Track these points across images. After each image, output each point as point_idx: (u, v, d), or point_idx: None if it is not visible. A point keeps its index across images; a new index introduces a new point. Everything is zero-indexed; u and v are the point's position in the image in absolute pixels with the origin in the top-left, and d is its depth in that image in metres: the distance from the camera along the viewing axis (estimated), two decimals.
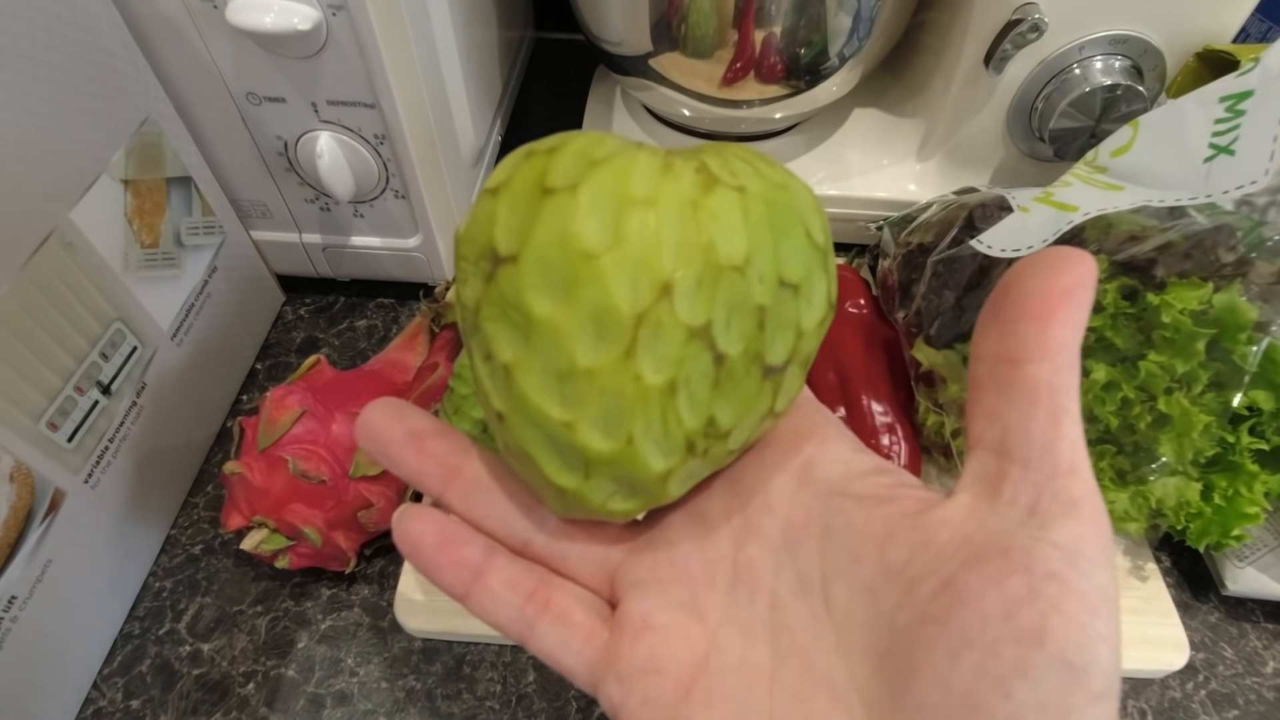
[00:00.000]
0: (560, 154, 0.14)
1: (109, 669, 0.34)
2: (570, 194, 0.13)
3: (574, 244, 0.13)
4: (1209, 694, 0.34)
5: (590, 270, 0.13)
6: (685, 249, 0.13)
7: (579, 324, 0.14)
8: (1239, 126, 0.27)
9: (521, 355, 0.14)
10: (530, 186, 0.14)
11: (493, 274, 0.14)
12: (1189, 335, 0.28)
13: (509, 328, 0.14)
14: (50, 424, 0.30)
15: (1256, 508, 0.31)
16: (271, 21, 0.31)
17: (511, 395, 0.15)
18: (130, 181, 0.33)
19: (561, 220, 0.13)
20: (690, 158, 0.15)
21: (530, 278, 0.14)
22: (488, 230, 0.15)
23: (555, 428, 0.15)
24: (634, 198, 0.13)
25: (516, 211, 0.14)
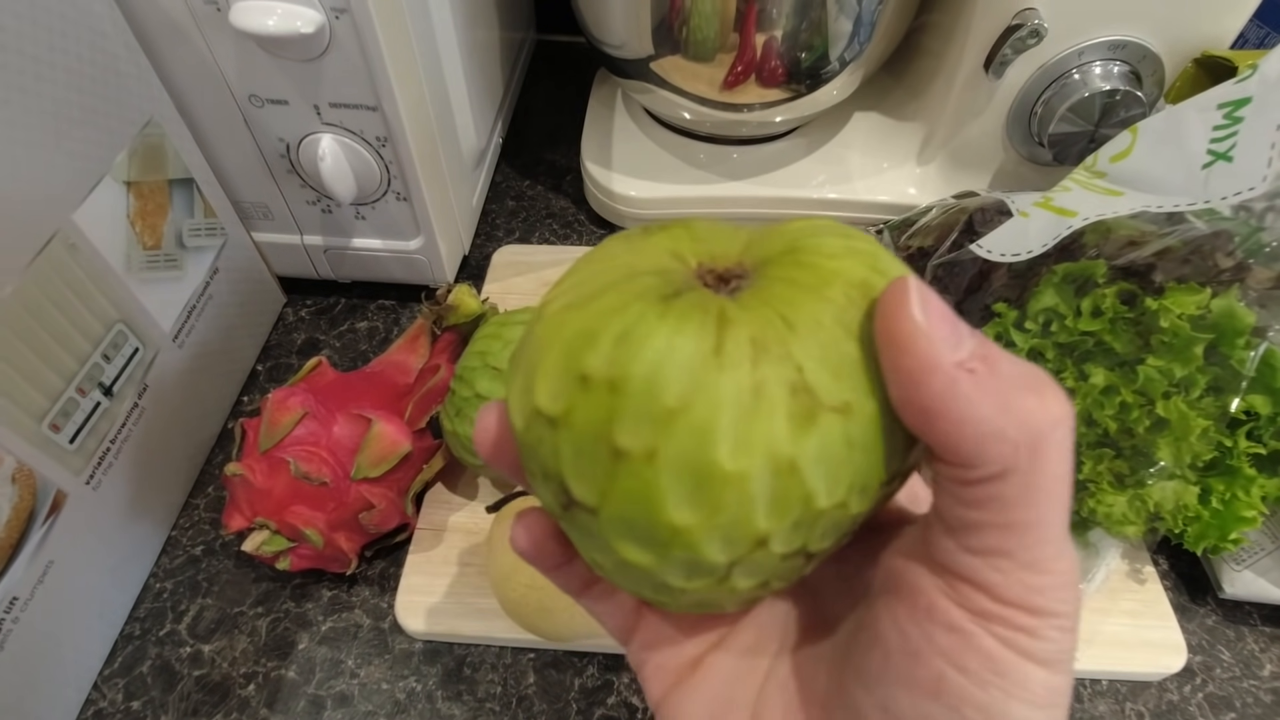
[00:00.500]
0: (624, 395, 0.12)
1: (110, 670, 0.34)
2: (648, 465, 0.12)
3: (661, 517, 0.12)
4: (1206, 697, 0.34)
5: (681, 539, 0.12)
6: (781, 505, 0.12)
7: (670, 568, 0.13)
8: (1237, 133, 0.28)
9: (612, 568, 0.14)
10: (596, 436, 0.12)
11: (569, 508, 0.13)
12: (1187, 340, 0.29)
13: (596, 546, 0.14)
14: (52, 425, 0.30)
15: (1254, 511, 0.31)
16: (274, 24, 0.31)
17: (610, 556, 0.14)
18: (133, 183, 0.33)
19: (643, 492, 0.12)
20: (781, 359, 0.12)
21: (615, 532, 0.13)
22: (553, 463, 0.13)
23: (652, 599, 0.15)
24: (723, 472, 0.12)
25: (585, 460, 0.12)
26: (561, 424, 0.12)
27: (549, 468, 0.13)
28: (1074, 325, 0.31)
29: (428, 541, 0.37)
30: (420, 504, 0.38)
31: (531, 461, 0.14)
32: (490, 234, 0.52)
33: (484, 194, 0.53)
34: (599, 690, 0.34)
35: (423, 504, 0.38)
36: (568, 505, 0.13)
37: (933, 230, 0.38)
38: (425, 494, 0.38)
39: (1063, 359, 0.32)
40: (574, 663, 0.35)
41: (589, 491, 0.13)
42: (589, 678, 0.34)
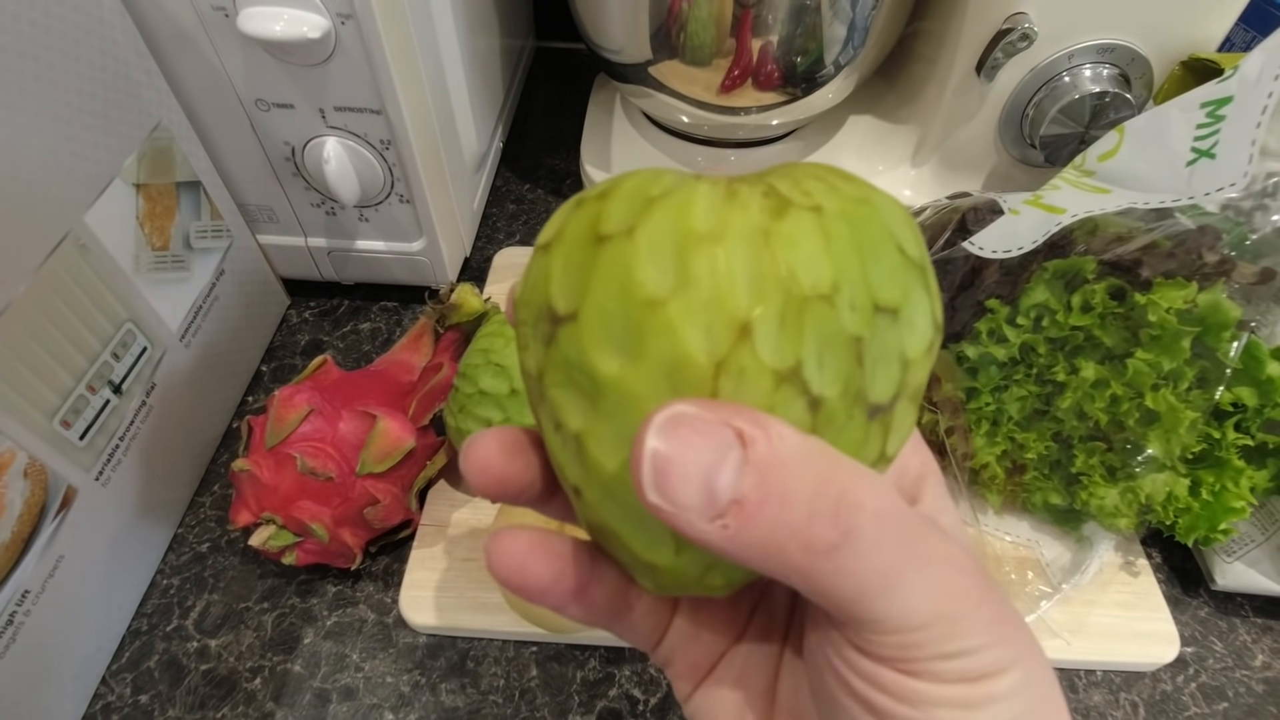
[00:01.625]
0: (613, 197, 0.13)
1: (117, 664, 0.34)
2: (627, 238, 0.12)
3: (636, 292, 0.12)
4: (1199, 686, 0.35)
5: (657, 319, 0.12)
6: (762, 283, 0.12)
7: (651, 381, 0.12)
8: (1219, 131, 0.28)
9: (592, 422, 0.13)
10: (584, 236, 0.13)
11: (553, 335, 0.13)
12: (1175, 333, 0.29)
13: (576, 393, 0.13)
14: (63, 422, 0.30)
15: (1243, 502, 0.32)
16: (281, 29, 0.32)
17: (586, 467, 0.13)
18: (142, 186, 0.34)
19: (620, 268, 0.12)
20: (756, 182, 0.13)
21: (592, 335, 0.12)
22: (544, 289, 0.13)
23: (636, 499, 0.12)
24: (697, 232, 0.12)
25: (571, 265, 0.13)
26: (555, 242, 0.13)
27: (539, 301, 0.13)
28: (1064, 320, 0.32)
29: (431, 537, 0.37)
30: (424, 500, 0.38)
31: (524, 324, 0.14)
32: (491, 236, 0.53)
33: (485, 197, 0.53)
34: (601, 682, 0.34)
35: (426, 500, 0.38)
36: (551, 335, 0.13)
37: (927, 230, 0.39)
38: (429, 490, 0.39)
39: (1054, 353, 0.33)
40: (576, 656, 0.35)
41: (572, 294, 0.13)
42: (591, 670, 0.35)
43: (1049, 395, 0.34)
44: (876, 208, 0.13)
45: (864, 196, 0.13)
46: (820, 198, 0.13)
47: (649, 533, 0.14)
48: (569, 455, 0.14)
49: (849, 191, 0.13)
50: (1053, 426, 0.34)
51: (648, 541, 0.14)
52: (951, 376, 0.35)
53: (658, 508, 0.11)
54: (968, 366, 0.35)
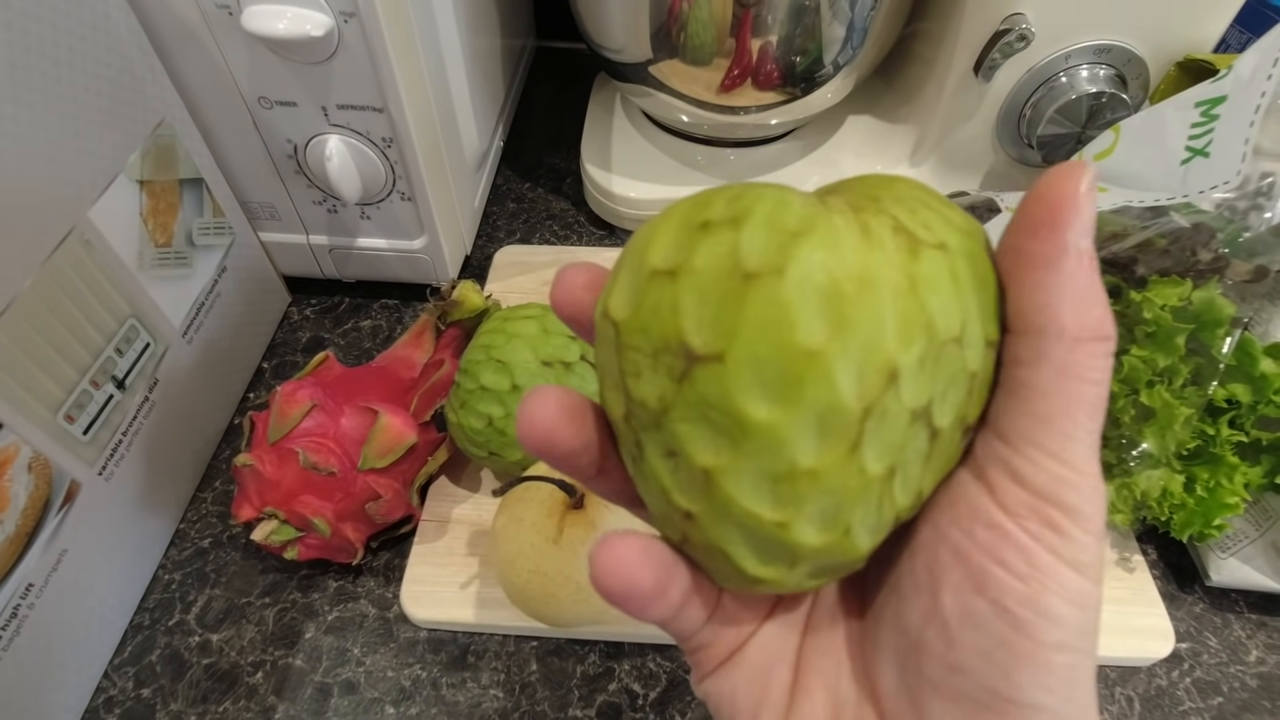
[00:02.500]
0: (748, 227, 0.12)
1: (120, 658, 0.35)
2: (777, 279, 0.12)
3: (792, 339, 0.12)
4: (1194, 681, 0.35)
5: (815, 368, 0.12)
6: (909, 328, 0.12)
7: (801, 426, 0.12)
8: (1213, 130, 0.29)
9: (728, 460, 0.13)
10: (724, 270, 0.12)
11: (687, 373, 0.13)
12: (1169, 330, 0.30)
13: (711, 430, 0.13)
14: (67, 416, 0.30)
15: (1237, 498, 0.32)
16: (285, 27, 0.32)
17: (711, 498, 0.14)
18: (146, 182, 0.34)
19: (774, 312, 0.12)
20: (879, 212, 0.13)
21: (740, 379, 0.12)
22: (673, 322, 0.13)
23: (765, 528, 0.13)
24: (850, 276, 0.12)
25: (710, 301, 0.12)
26: (682, 271, 0.13)
27: (665, 333, 0.13)
28: None
29: (432, 533, 0.37)
30: (425, 496, 0.38)
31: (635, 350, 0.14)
32: (492, 235, 0.53)
33: (486, 195, 0.54)
34: (600, 677, 0.35)
35: (427, 496, 0.39)
36: (685, 372, 0.13)
37: None
38: (430, 486, 0.39)
39: None
40: (576, 650, 0.35)
41: (716, 334, 0.12)
42: (590, 665, 0.35)
43: None
44: (980, 241, 0.14)
45: (970, 229, 0.14)
46: (940, 233, 0.13)
47: (762, 554, 0.14)
48: (684, 483, 0.14)
49: (957, 222, 0.14)
50: None
51: (759, 562, 0.14)
52: None
53: (1078, 195, 0.13)
54: None
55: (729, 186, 0.14)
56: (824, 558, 0.14)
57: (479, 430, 0.34)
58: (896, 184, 0.14)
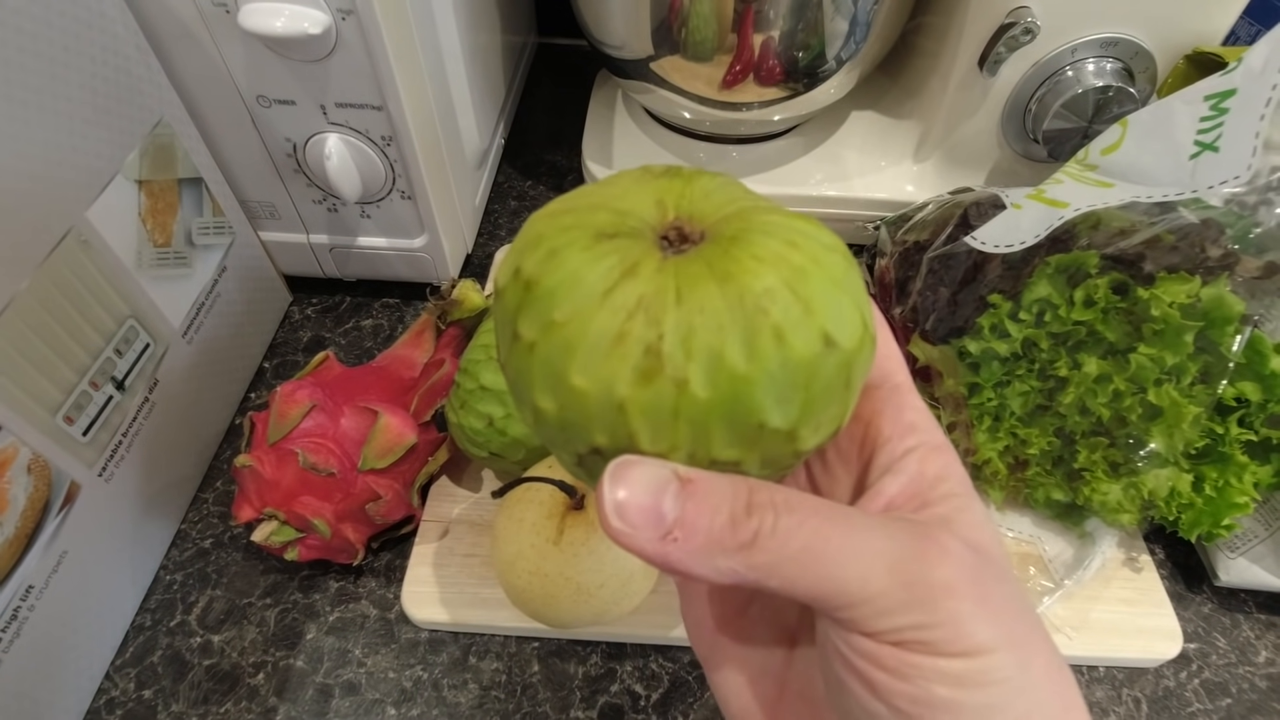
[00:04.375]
0: (531, 296, 0.14)
1: (121, 660, 0.35)
2: (530, 353, 0.14)
3: (530, 395, 0.15)
4: (1202, 683, 0.35)
5: (544, 418, 0.15)
6: (612, 433, 0.14)
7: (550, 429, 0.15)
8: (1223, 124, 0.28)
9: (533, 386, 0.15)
10: (509, 315, 0.15)
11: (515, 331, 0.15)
12: (1178, 328, 0.29)
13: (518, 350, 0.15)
14: (66, 418, 0.30)
15: (1246, 498, 0.32)
16: (282, 25, 0.32)
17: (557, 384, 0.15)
18: (144, 182, 0.34)
19: (524, 371, 0.15)
20: (651, 324, 0.13)
21: (515, 384, 0.15)
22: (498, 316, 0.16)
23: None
24: (570, 385, 0.14)
25: (502, 326, 0.16)
26: (499, 295, 0.16)
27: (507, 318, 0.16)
28: (1067, 315, 0.32)
29: (433, 533, 0.37)
30: (425, 496, 0.38)
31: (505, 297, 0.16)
32: (493, 233, 0.53)
33: (486, 194, 0.53)
34: (602, 678, 0.34)
35: (428, 496, 0.38)
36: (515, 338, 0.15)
37: (929, 225, 0.39)
38: (430, 486, 0.39)
39: (1056, 348, 0.33)
40: (577, 651, 0.35)
41: (503, 350, 0.15)
42: (592, 666, 0.35)
43: (1051, 390, 0.33)
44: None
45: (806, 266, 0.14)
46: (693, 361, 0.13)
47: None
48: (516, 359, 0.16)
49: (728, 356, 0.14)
50: (1055, 422, 0.34)
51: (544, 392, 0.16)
52: (954, 372, 0.34)
53: (619, 532, 0.14)
54: (970, 362, 0.34)
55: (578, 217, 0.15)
56: None
57: (479, 430, 0.34)
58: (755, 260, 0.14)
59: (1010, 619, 0.14)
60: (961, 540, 0.15)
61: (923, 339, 0.36)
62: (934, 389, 0.36)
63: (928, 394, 0.36)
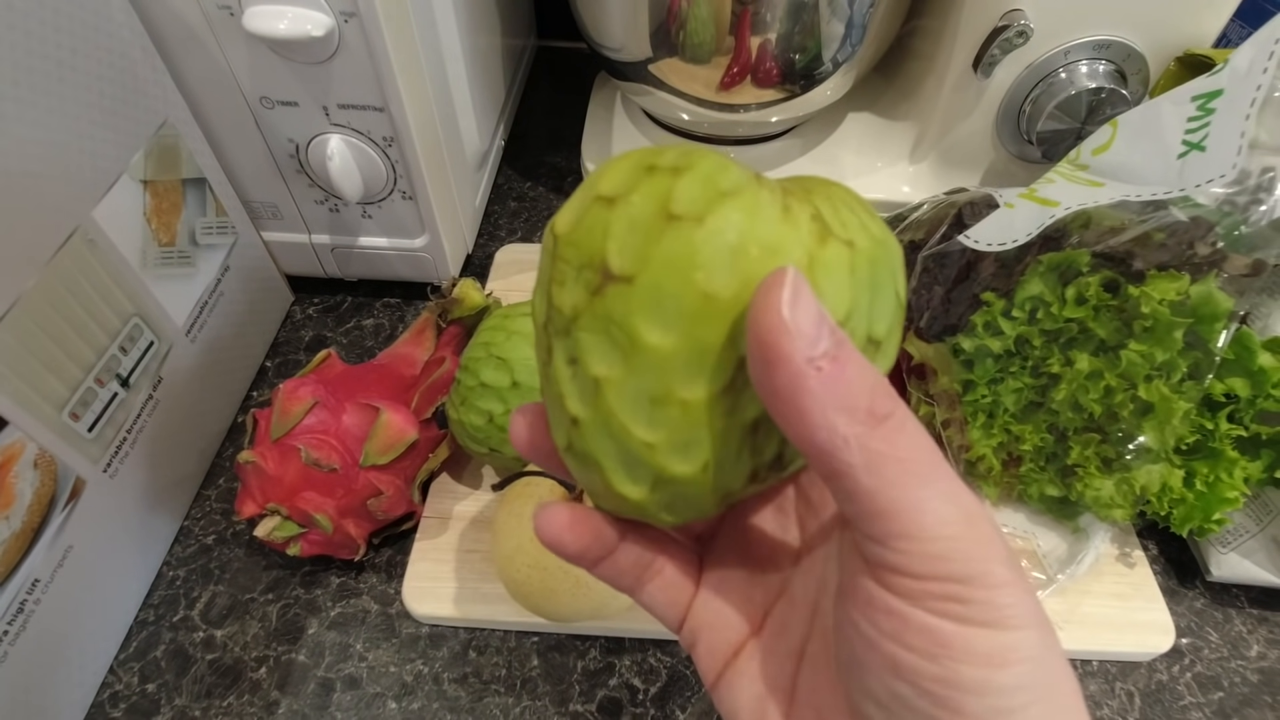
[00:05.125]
0: (686, 177, 0.14)
1: (125, 654, 0.35)
2: (696, 225, 0.13)
3: (697, 280, 0.13)
4: (1194, 676, 0.35)
5: (709, 309, 0.13)
6: None
7: (685, 357, 0.14)
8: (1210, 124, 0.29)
9: (618, 373, 0.14)
10: (654, 207, 0.14)
11: (600, 288, 0.14)
12: (1167, 324, 0.30)
13: (608, 344, 0.14)
14: (72, 414, 0.31)
15: (1236, 492, 0.32)
16: (286, 28, 0.32)
17: (596, 407, 0.15)
18: (149, 182, 0.34)
19: (687, 252, 0.13)
20: (805, 200, 0.14)
21: (643, 303, 0.14)
22: (599, 242, 0.14)
23: (636, 445, 0.15)
24: (759, 241, 0.13)
25: (636, 230, 0.14)
26: (620, 200, 0.14)
27: (591, 250, 0.14)
28: (1059, 312, 0.32)
29: (434, 529, 0.38)
30: (426, 492, 0.39)
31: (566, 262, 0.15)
32: (493, 234, 0.53)
33: (487, 195, 0.54)
34: (601, 672, 0.35)
35: (429, 493, 0.39)
36: (600, 287, 0.14)
37: (923, 224, 0.39)
38: (431, 483, 0.39)
39: (1049, 345, 0.33)
40: (577, 646, 0.35)
41: (630, 258, 0.14)
42: (591, 660, 0.35)
43: (1044, 387, 0.34)
44: (890, 251, 0.15)
45: (883, 239, 0.15)
46: (853, 232, 0.14)
47: (630, 472, 0.16)
48: (579, 389, 0.15)
49: (874, 231, 0.15)
50: (1048, 418, 0.34)
51: (626, 478, 0.16)
52: (948, 369, 0.35)
53: (779, 320, 0.13)
54: (964, 359, 0.35)
55: (688, 145, 0.15)
56: (680, 489, 0.15)
57: (479, 427, 0.34)
58: (834, 187, 0.15)
59: (1034, 600, 0.14)
60: None
61: (918, 337, 0.36)
62: (928, 386, 0.36)
63: (922, 391, 0.37)
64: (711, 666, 0.19)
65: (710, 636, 0.19)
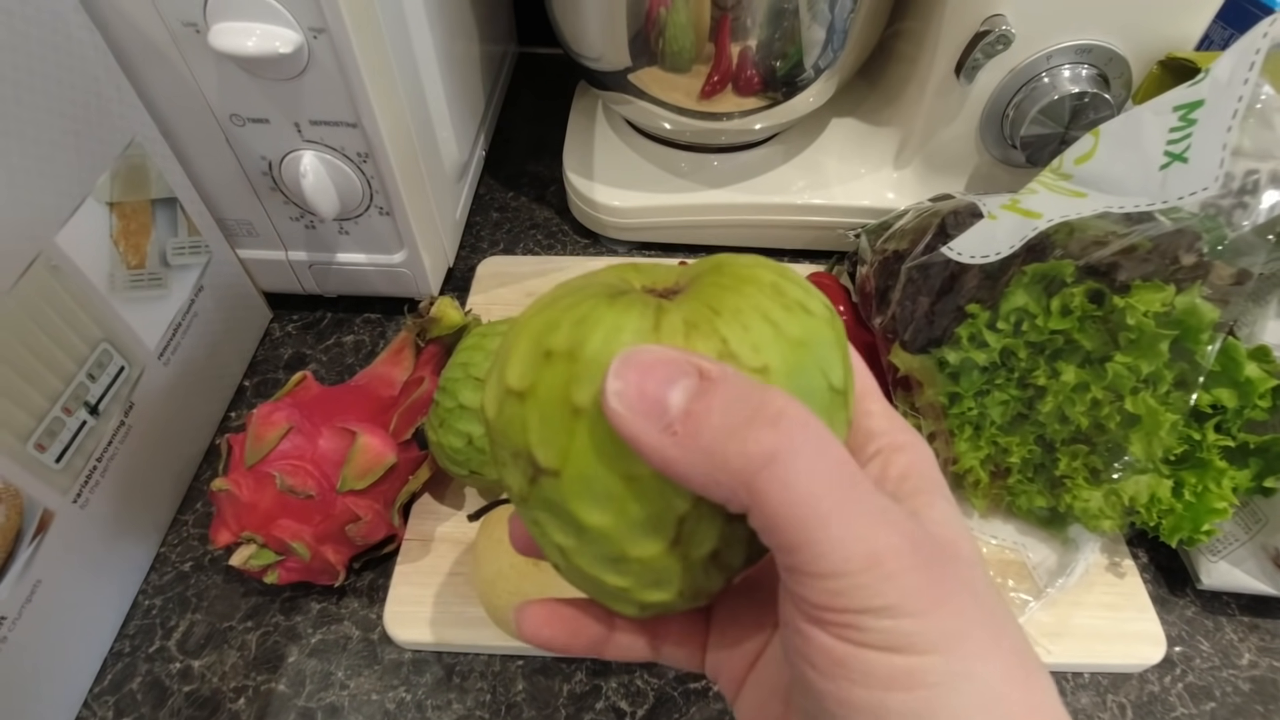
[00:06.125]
0: (580, 358, 0.14)
1: (100, 687, 0.34)
2: (602, 419, 0.14)
3: (615, 466, 0.14)
4: (1186, 687, 0.35)
5: (635, 488, 0.14)
6: None
7: (627, 527, 0.15)
8: (1191, 135, 0.28)
9: (575, 544, 0.15)
10: (557, 399, 0.14)
11: (536, 479, 0.15)
12: (1153, 336, 0.29)
13: (559, 521, 0.15)
14: (38, 445, 0.30)
15: (1225, 503, 0.32)
16: (253, 45, 0.32)
17: (568, 563, 0.16)
18: (116, 204, 0.34)
19: (599, 445, 0.14)
20: (709, 334, 0.14)
21: (576, 492, 0.14)
22: (521, 436, 0.15)
23: (611, 588, 0.16)
24: None
25: (549, 425, 0.14)
26: (529, 395, 0.15)
27: (518, 443, 0.15)
28: (1044, 324, 0.32)
29: (415, 552, 0.37)
30: (407, 515, 0.38)
31: (502, 447, 0.16)
32: (475, 246, 0.52)
33: (468, 206, 0.53)
34: (587, 695, 0.34)
35: (410, 515, 0.38)
36: (534, 477, 0.15)
37: (908, 234, 0.39)
38: (412, 505, 0.39)
39: (1034, 357, 0.33)
40: (562, 669, 0.35)
41: (553, 454, 0.14)
42: (577, 683, 0.34)
43: (1031, 399, 0.34)
44: (812, 349, 0.15)
45: (803, 338, 0.15)
46: (766, 353, 0.14)
47: (617, 601, 0.17)
48: (549, 546, 0.17)
49: (790, 332, 0.15)
50: (1035, 430, 0.34)
51: (615, 601, 0.17)
52: (933, 382, 0.35)
53: (619, 417, 0.13)
54: (949, 371, 0.34)
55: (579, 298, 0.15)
56: (666, 607, 0.17)
57: (459, 449, 0.33)
58: (752, 286, 0.15)
59: (961, 623, 0.14)
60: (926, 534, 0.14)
61: (903, 349, 0.36)
62: (914, 399, 0.36)
63: (908, 404, 0.36)
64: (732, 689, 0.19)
65: (729, 663, 0.19)
